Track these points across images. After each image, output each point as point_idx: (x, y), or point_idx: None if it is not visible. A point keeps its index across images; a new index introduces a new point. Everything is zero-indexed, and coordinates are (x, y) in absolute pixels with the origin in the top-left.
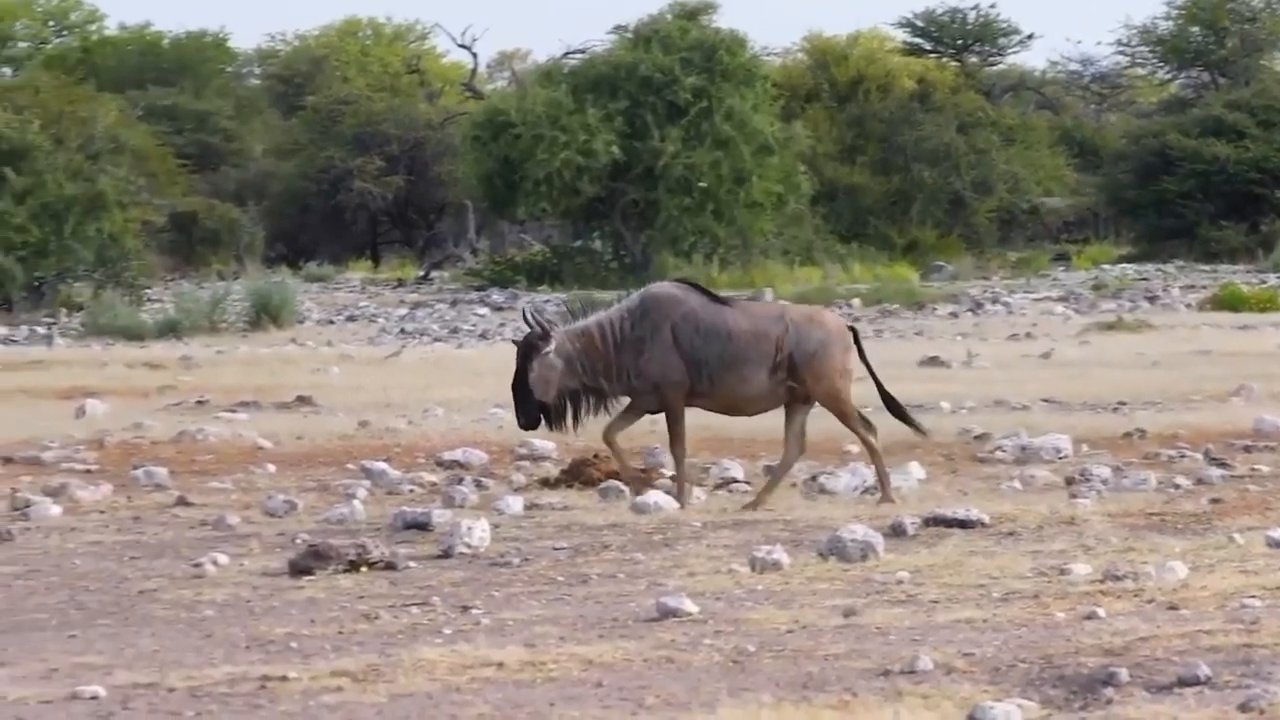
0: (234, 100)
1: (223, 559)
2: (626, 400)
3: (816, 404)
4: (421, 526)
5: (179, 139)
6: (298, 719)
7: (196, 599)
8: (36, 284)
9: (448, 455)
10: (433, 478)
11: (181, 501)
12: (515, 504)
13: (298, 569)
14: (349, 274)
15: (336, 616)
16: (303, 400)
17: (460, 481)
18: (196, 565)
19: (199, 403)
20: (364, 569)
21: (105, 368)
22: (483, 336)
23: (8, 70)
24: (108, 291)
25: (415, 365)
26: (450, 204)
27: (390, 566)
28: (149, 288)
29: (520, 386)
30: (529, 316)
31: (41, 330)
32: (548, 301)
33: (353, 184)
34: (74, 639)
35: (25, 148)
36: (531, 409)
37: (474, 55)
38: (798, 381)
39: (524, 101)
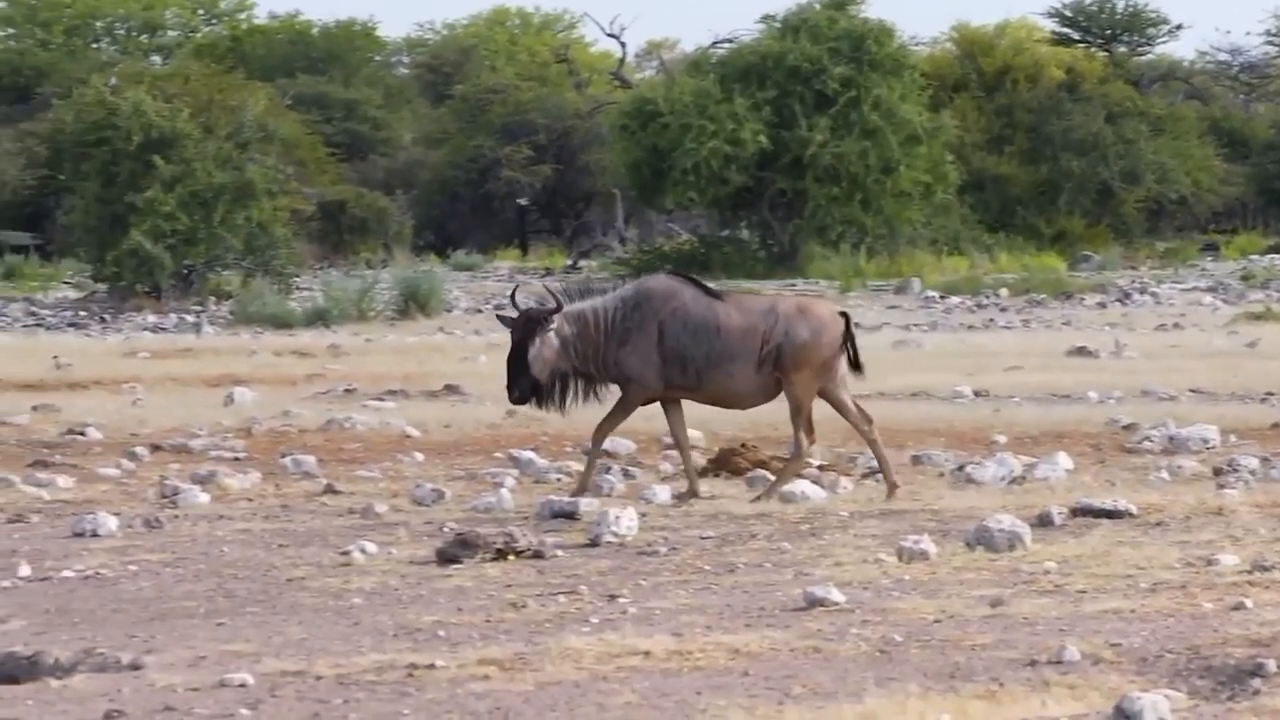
0: (383, 89)
1: (371, 547)
2: (615, 389)
3: (846, 382)
4: (569, 515)
5: (328, 128)
6: (445, 707)
7: (344, 587)
8: (186, 272)
9: None
10: (580, 466)
11: (329, 490)
12: (662, 493)
13: (445, 557)
14: (497, 263)
15: (484, 605)
16: (450, 389)
17: (607, 470)
18: (344, 553)
19: (347, 391)
20: (511, 557)
21: (254, 356)
22: None
23: (158, 59)
24: (256, 280)
25: None
26: (598, 193)
27: (538, 555)
28: (297, 276)
29: (518, 361)
30: (547, 289)
31: (190, 318)
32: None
33: (501, 173)
34: (222, 627)
35: (175, 136)
36: (525, 385)
37: (622, 44)
38: (780, 371)
39: (672, 91)
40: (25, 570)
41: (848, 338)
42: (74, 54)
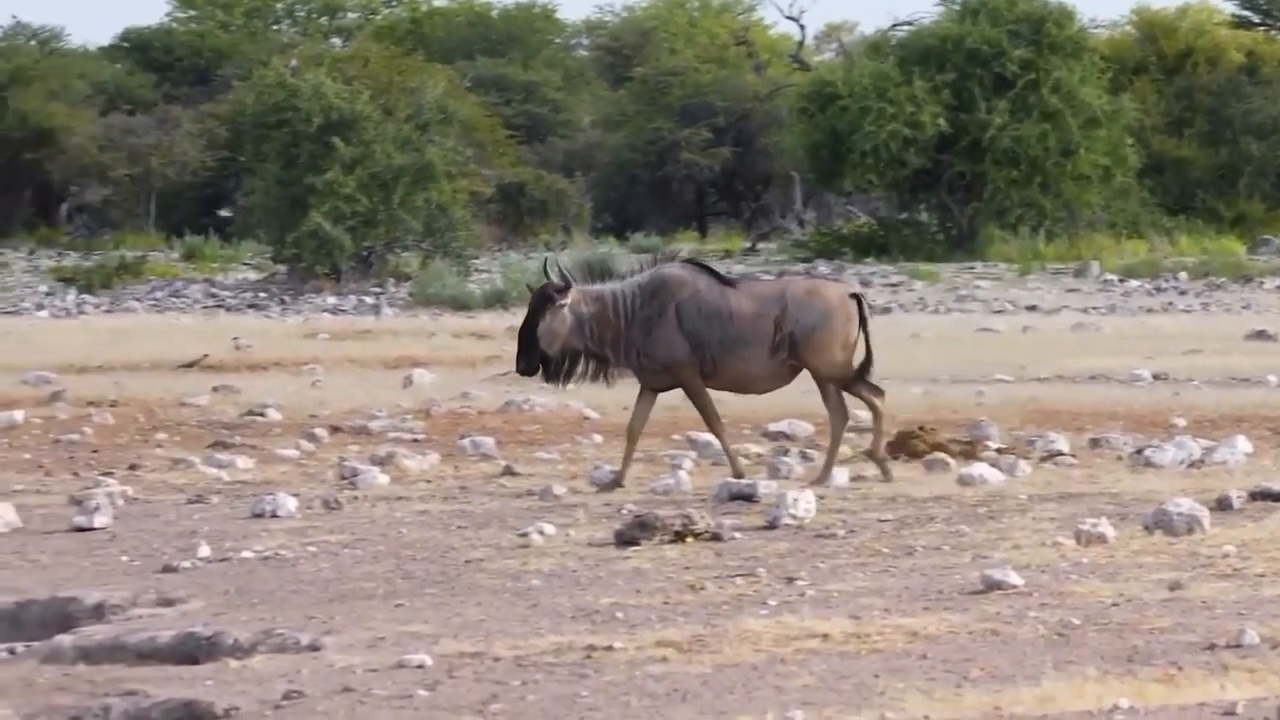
0: (562, 71)
1: (549, 529)
2: (629, 371)
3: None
4: (747, 498)
5: (507, 109)
6: (622, 689)
7: (522, 569)
8: (365, 254)
9: (773, 426)
10: (758, 449)
11: (508, 471)
12: (840, 475)
13: (624, 539)
14: (676, 244)
15: (662, 587)
16: None
17: (786, 453)
18: (523, 535)
19: None
20: (689, 540)
21: (433, 337)
22: None
23: (338, 41)
24: (435, 261)
25: None
26: (777, 176)
27: (716, 537)
28: (476, 258)
29: (528, 333)
30: (548, 269)
31: (369, 300)
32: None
33: (680, 155)
34: (400, 608)
35: (354, 118)
36: (533, 358)
37: (801, 27)
38: (798, 360)
39: (851, 73)
40: (205, 551)
41: (861, 316)
42: (254, 36)
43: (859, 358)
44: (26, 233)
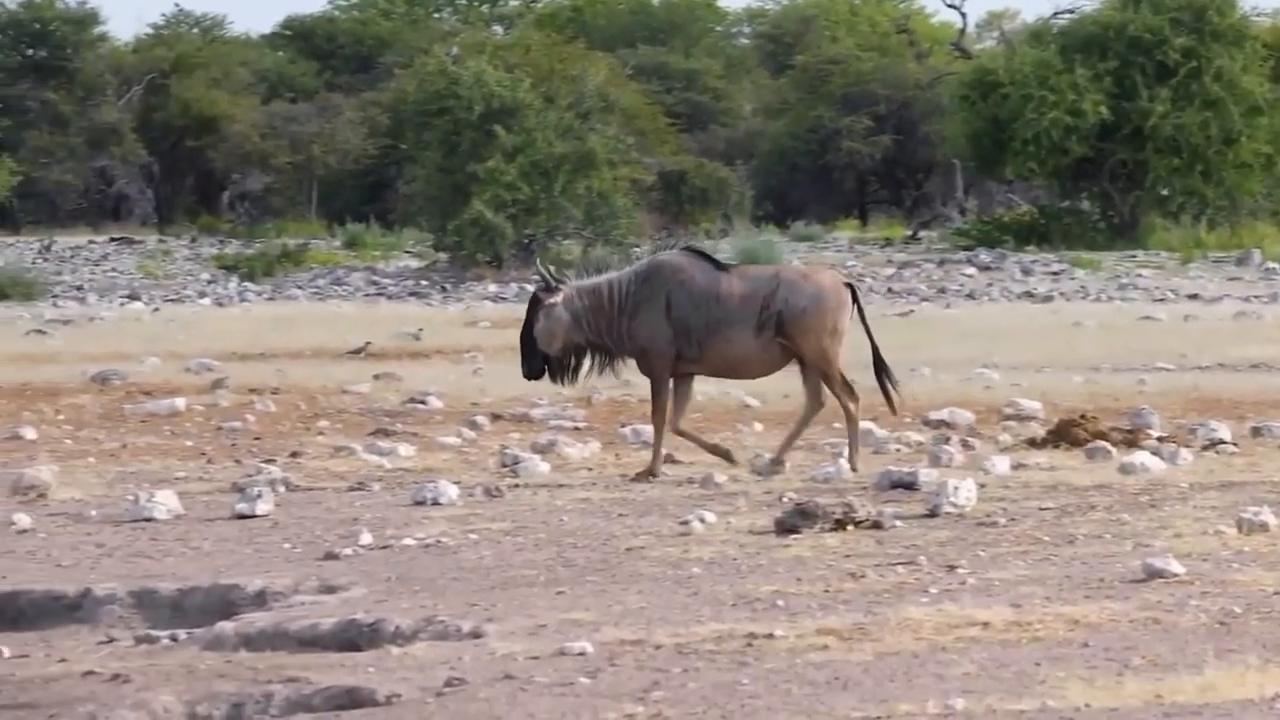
0: (723, 59)
1: (710, 517)
2: (634, 361)
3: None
4: (908, 486)
5: (668, 98)
6: (783, 677)
7: (683, 556)
8: (526, 241)
9: (934, 415)
10: (919, 437)
11: (669, 459)
12: (1001, 464)
13: (784, 527)
14: (837, 233)
15: (823, 575)
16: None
17: (946, 441)
18: (683, 523)
19: None
20: (850, 528)
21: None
22: (970, 297)
23: (499, 29)
24: (596, 249)
25: (901, 325)
26: (938, 164)
27: (876, 525)
28: (637, 246)
29: (525, 337)
30: (540, 269)
31: (531, 288)
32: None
33: (841, 143)
34: (562, 595)
35: (516, 106)
36: (534, 361)
37: (963, 15)
38: (786, 339)
39: (1013, 61)
40: (367, 538)
41: (855, 306)
42: (416, 24)
43: (845, 356)
44: (189, 221)
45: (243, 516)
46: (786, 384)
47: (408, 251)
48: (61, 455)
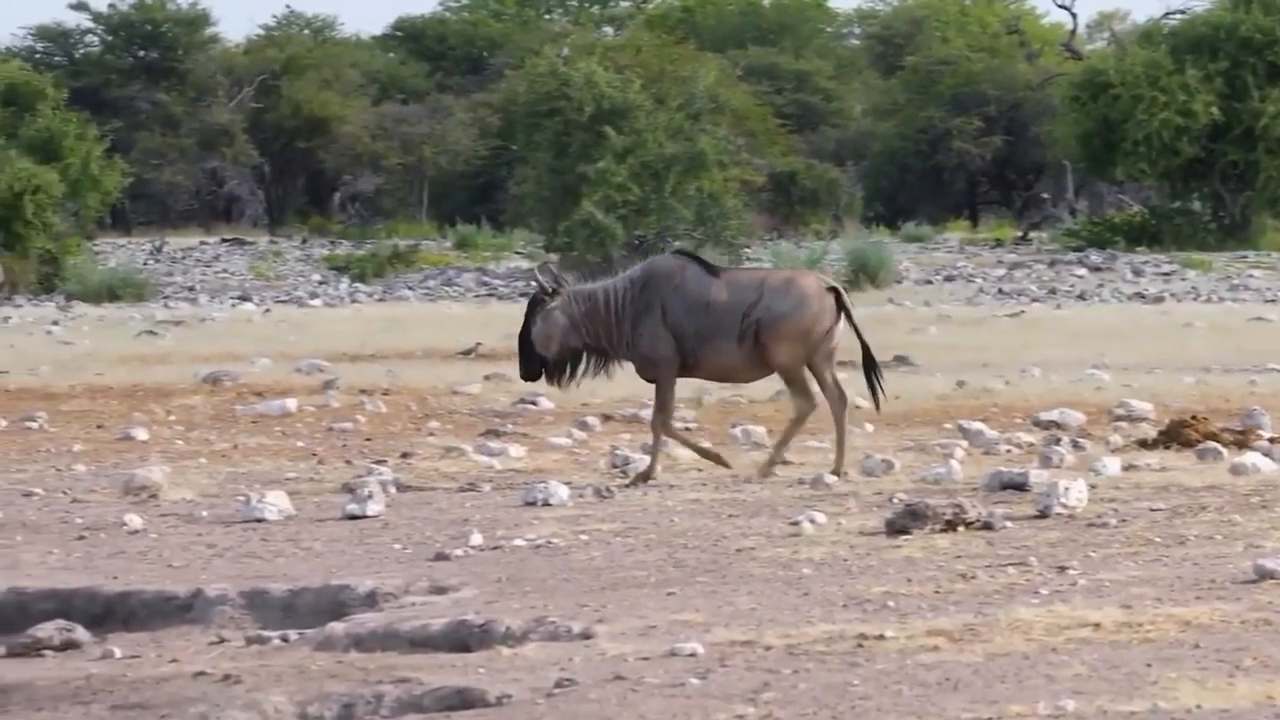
0: (834, 60)
1: (820, 518)
2: (630, 364)
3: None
4: (1018, 487)
5: (778, 99)
6: (894, 678)
7: (794, 557)
8: (637, 242)
9: (1044, 416)
10: (1029, 438)
11: (781, 461)
12: (1112, 465)
13: (895, 528)
14: (947, 234)
15: (933, 576)
16: (900, 360)
17: (1057, 442)
18: (794, 524)
19: None
20: (961, 529)
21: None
22: (1080, 297)
23: (609, 30)
24: (707, 250)
25: (1012, 326)
26: (1048, 165)
27: (987, 526)
28: (748, 247)
29: (523, 339)
30: (536, 276)
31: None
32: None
33: (951, 144)
34: (672, 596)
35: (626, 107)
36: (532, 362)
37: (1073, 16)
38: (761, 344)
39: (1123, 62)
40: (477, 539)
41: (842, 313)
42: (526, 25)
43: (827, 356)
44: (300, 221)
45: (353, 517)
46: (898, 385)
47: (518, 252)
48: (173, 456)
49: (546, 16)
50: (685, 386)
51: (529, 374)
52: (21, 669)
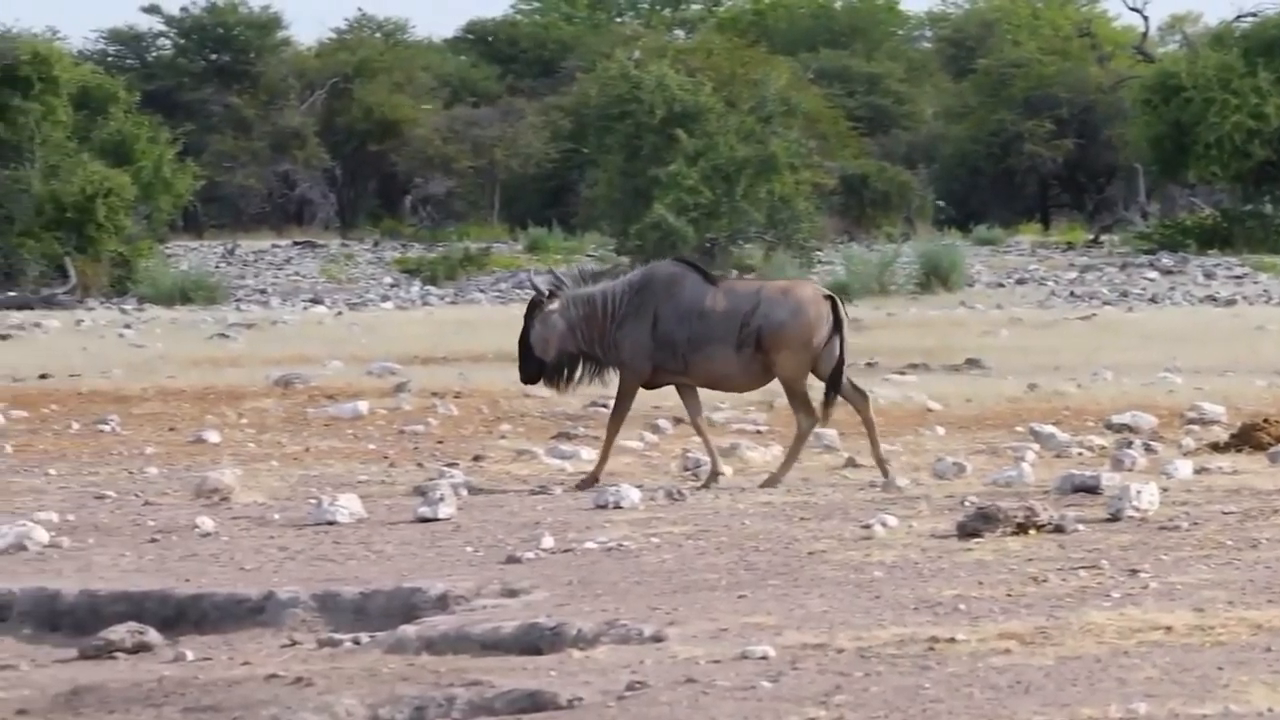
0: (905, 63)
1: (892, 521)
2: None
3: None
4: (1090, 490)
5: (850, 101)
6: (965, 681)
7: (865, 560)
8: (708, 245)
9: (1116, 419)
10: (1101, 441)
11: (850, 463)
12: (1184, 468)
13: (966, 531)
14: (1018, 237)
15: (1004, 579)
16: (972, 363)
17: (1129, 445)
18: (865, 527)
19: (868, 365)
20: (1032, 532)
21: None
22: (1152, 300)
23: (681, 33)
24: (778, 253)
25: (1084, 329)
26: (1120, 167)
27: (1058, 529)
28: (819, 249)
29: (522, 343)
30: (531, 281)
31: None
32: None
33: (1023, 147)
34: (744, 599)
35: (698, 110)
36: (531, 366)
37: (1145, 19)
38: (763, 353)
39: (1195, 65)
40: (549, 541)
41: (836, 321)
42: (598, 28)
43: (829, 365)
44: (371, 224)
45: (425, 520)
46: (969, 387)
47: (589, 255)
48: (244, 458)
49: (618, 19)
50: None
51: (527, 377)
52: (94, 671)
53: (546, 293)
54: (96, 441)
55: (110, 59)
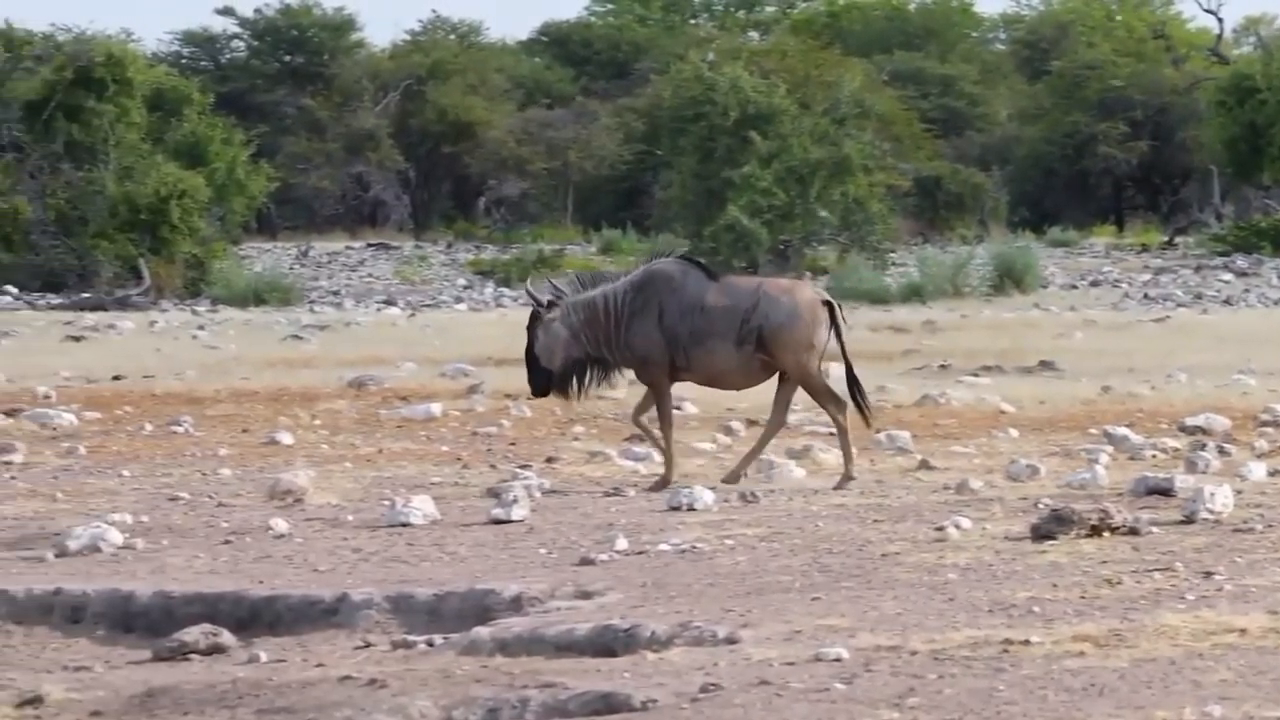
0: (979, 65)
1: (965, 523)
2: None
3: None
4: (1164, 492)
5: (924, 103)
6: (1039, 683)
7: (939, 562)
8: (782, 247)
9: (1190, 421)
10: (1175, 443)
11: (924, 465)
12: (1258, 470)
13: (1040, 533)
14: (1092, 239)
15: (1078, 581)
16: (1045, 365)
17: (1203, 447)
18: (939, 529)
19: (941, 367)
20: (1106, 534)
21: (849, 331)
22: (1226, 302)
23: (754, 34)
24: (852, 255)
25: (1158, 331)
26: (1195, 169)
27: (1132, 532)
28: (893, 251)
29: (528, 354)
30: (528, 290)
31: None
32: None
33: (1097, 149)
34: (817, 601)
35: (772, 112)
36: (539, 375)
37: (1220, 20)
38: (766, 353)
39: (1270, 66)
40: (622, 543)
41: (833, 324)
42: (671, 30)
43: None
44: (445, 226)
45: (498, 521)
46: (1043, 389)
47: None
48: (318, 460)
49: (692, 21)
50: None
51: (537, 388)
52: (168, 673)
53: (545, 303)
54: (170, 443)
55: (184, 61)
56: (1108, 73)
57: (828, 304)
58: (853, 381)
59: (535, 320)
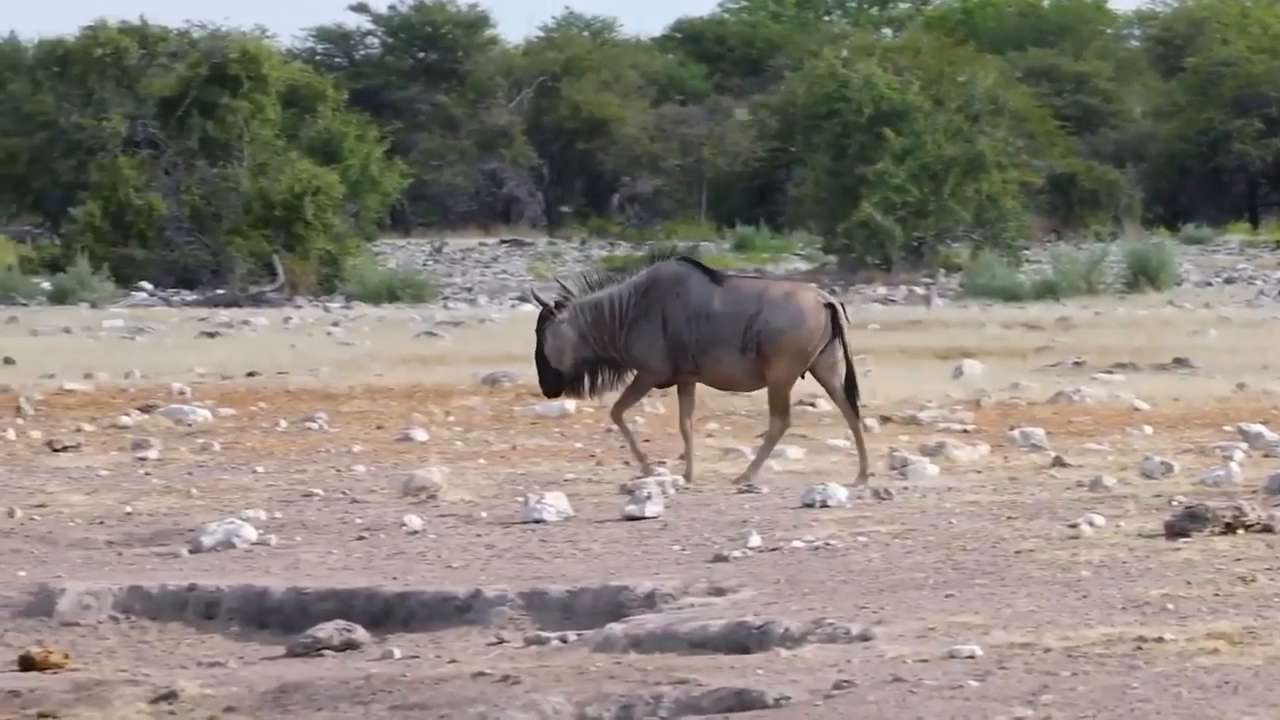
0: (1113, 62)
1: (1099, 520)
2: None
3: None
4: None
5: (1058, 100)
6: (1173, 680)
7: (1072, 560)
8: (916, 244)
9: None
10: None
11: (1058, 462)
12: None
13: (1174, 531)
14: (1227, 236)
15: (1212, 579)
16: (1180, 362)
17: None
18: (1073, 526)
19: (1076, 364)
20: (1240, 531)
21: (983, 328)
22: None
23: (888, 31)
24: (985, 252)
25: None
26: None
27: (1267, 529)
28: (1027, 249)
29: (539, 356)
30: (534, 294)
31: (920, 290)
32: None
33: (1232, 146)
34: (951, 598)
35: (905, 109)
36: (550, 377)
37: None
38: (761, 357)
39: None
40: (756, 540)
41: (836, 328)
42: (805, 27)
43: (830, 372)
44: (578, 223)
45: (632, 518)
46: (1177, 387)
47: (797, 254)
48: (452, 457)
49: (825, 18)
50: (964, 387)
51: (549, 389)
52: (302, 669)
53: (552, 305)
54: (304, 439)
55: (318, 57)
56: (1242, 70)
57: (829, 306)
58: (851, 384)
59: (544, 323)
